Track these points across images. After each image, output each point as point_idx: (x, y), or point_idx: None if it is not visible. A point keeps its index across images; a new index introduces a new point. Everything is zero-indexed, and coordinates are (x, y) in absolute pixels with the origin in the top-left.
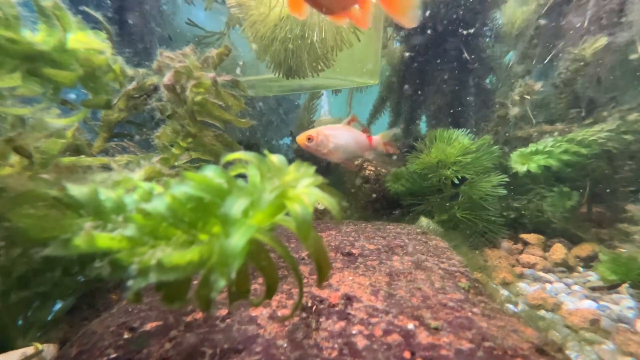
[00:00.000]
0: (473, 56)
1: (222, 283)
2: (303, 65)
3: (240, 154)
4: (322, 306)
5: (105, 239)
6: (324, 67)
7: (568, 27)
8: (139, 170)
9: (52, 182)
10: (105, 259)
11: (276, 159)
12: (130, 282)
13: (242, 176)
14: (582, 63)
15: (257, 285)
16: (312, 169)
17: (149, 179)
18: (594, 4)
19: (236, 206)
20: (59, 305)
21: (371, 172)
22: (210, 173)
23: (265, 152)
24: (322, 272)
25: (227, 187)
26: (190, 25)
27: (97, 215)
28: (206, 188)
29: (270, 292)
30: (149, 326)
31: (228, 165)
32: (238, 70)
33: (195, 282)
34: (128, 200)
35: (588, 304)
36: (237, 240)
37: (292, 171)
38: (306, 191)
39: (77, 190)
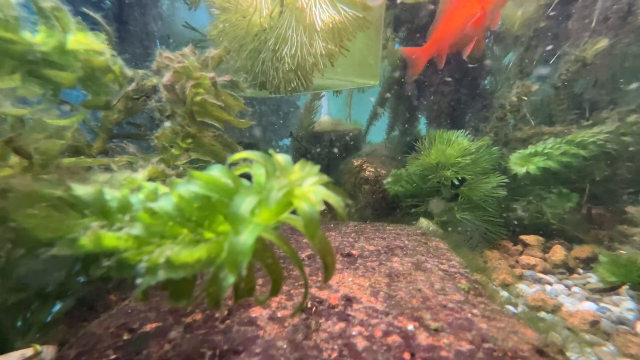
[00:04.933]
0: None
1: (231, 280)
2: (275, 80)
3: (247, 153)
4: (322, 307)
5: (111, 238)
6: (300, 86)
7: (569, 29)
8: (142, 171)
9: (55, 182)
10: (110, 258)
11: (281, 158)
12: (139, 281)
13: (245, 176)
14: (582, 64)
15: (257, 287)
16: (317, 167)
17: (152, 179)
18: (600, 5)
19: (245, 204)
20: (58, 307)
21: (371, 173)
22: (217, 172)
23: (270, 151)
24: (328, 270)
25: (234, 186)
26: (186, 27)
27: (103, 215)
28: (213, 187)
29: (275, 288)
30: (148, 327)
31: (231, 165)
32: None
33: (197, 283)
34: (134, 200)
35: (588, 306)
36: (247, 237)
37: (297, 170)
38: (313, 189)
39: (83, 190)
